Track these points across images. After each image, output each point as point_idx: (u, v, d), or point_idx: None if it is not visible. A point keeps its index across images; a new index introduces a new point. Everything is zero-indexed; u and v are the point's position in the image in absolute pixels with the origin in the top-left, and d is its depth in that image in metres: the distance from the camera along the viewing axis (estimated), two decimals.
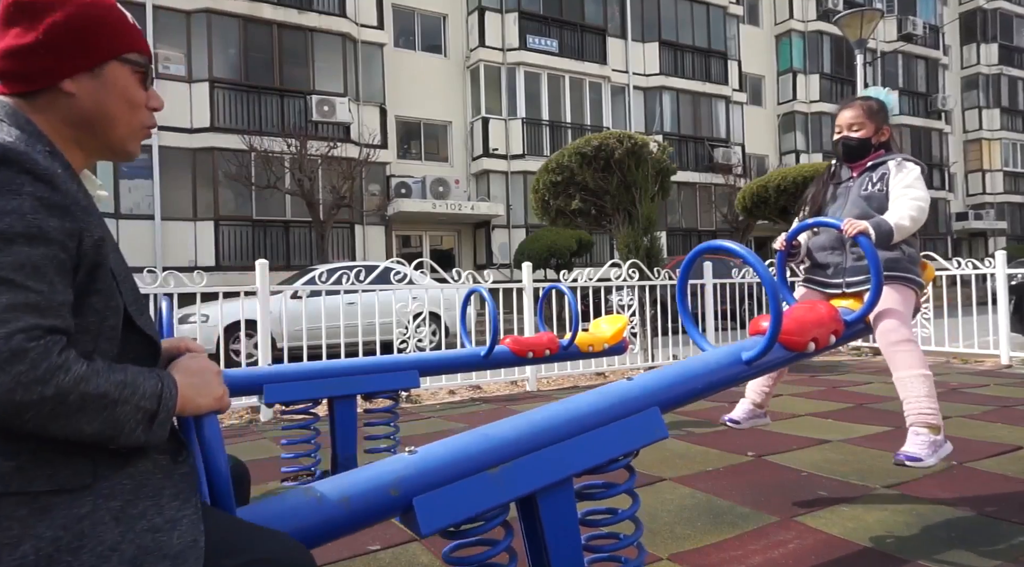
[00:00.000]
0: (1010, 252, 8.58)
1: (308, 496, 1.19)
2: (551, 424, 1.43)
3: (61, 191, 0.93)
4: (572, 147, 7.92)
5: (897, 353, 2.24)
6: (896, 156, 2.47)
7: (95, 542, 0.87)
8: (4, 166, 0.89)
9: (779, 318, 1.77)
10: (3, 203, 0.87)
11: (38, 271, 0.87)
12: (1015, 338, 6.83)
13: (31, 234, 0.88)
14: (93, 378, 0.88)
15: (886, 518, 2.45)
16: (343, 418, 2.63)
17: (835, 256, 2.50)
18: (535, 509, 1.39)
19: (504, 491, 1.32)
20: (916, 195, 2.33)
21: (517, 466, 1.35)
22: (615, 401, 1.53)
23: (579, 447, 1.43)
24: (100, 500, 0.90)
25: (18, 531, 0.84)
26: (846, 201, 2.49)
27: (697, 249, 2.04)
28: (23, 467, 0.87)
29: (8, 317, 0.84)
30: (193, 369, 1.06)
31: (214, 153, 15.42)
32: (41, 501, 0.87)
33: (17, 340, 0.83)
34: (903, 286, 2.36)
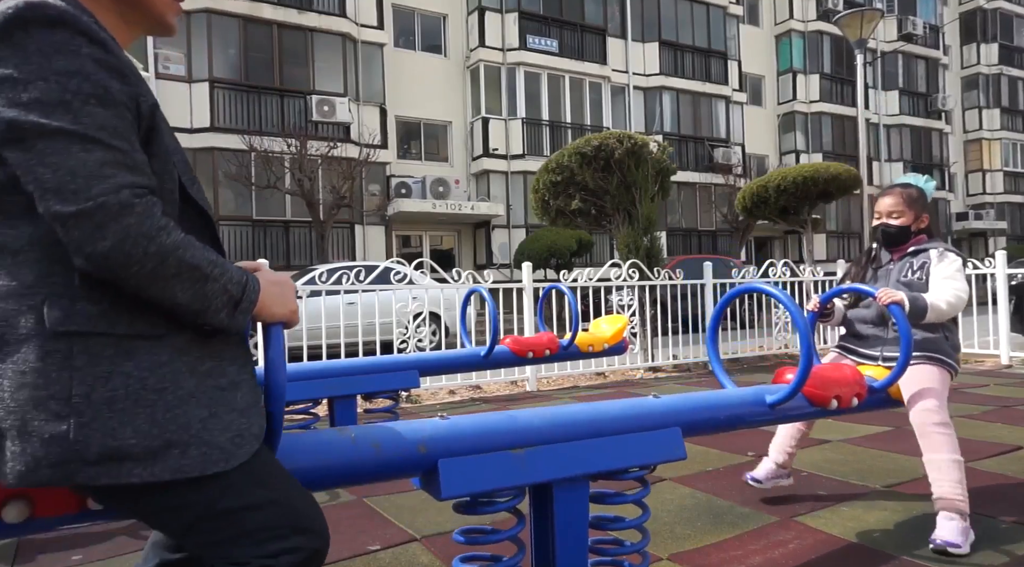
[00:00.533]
0: (1010, 252, 8.58)
1: (342, 435, 1.25)
2: (577, 420, 1.48)
3: (115, 54, 0.95)
4: (572, 147, 7.92)
5: (933, 435, 2.25)
6: (939, 245, 2.50)
7: (176, 385, 0.97)
8: (61, 27, 0.90)
9: (808, 367, 1.81)
10: (67, 63, 0.89)
11: (117, 131, 0.92)
12: (1015, 338, 6.83)
13: (100, 94, 0.91)
14: (190, 248, 0.95)
15: (886, 518, 2.45)
16: (343, 418, 2.63)
17: (876, 330, 2.52)
18: (549, 499, 1.42)
19: (525, 473, 1.36)
20: (956, 286, 2.36)
21: (540, 452, 1.39)
22: (640, 413, 1.58)
23: (601, 448, 1.47)
24: (176, 353, 0.98)
25: (107, 367, 0.93)
26: (886, 284, 2.51)
27: (735, 291, 2.12)
28: (106, 312, 0.94)
29: (109, 172, 0.88)
30: (275, 279, 1.12)
31: (214, 153, 15.42)
32: (125, 344, 0.95)
33: (124, 194, 0.88)
34: (941, 368, 2.37)
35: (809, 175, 10.33)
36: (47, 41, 0.89)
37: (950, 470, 2.21)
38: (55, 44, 0.89)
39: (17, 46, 0.89)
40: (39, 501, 1.02)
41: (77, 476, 0.90)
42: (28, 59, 0.88)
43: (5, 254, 0.93)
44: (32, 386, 0.90)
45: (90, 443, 0.90)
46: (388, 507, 2.73)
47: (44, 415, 0.89)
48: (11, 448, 0.90)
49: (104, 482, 0.91)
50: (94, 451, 0.90)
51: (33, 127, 0.87)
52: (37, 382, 0.90)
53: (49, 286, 0.93)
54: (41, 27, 0.89)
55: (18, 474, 0.89)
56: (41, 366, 0.90)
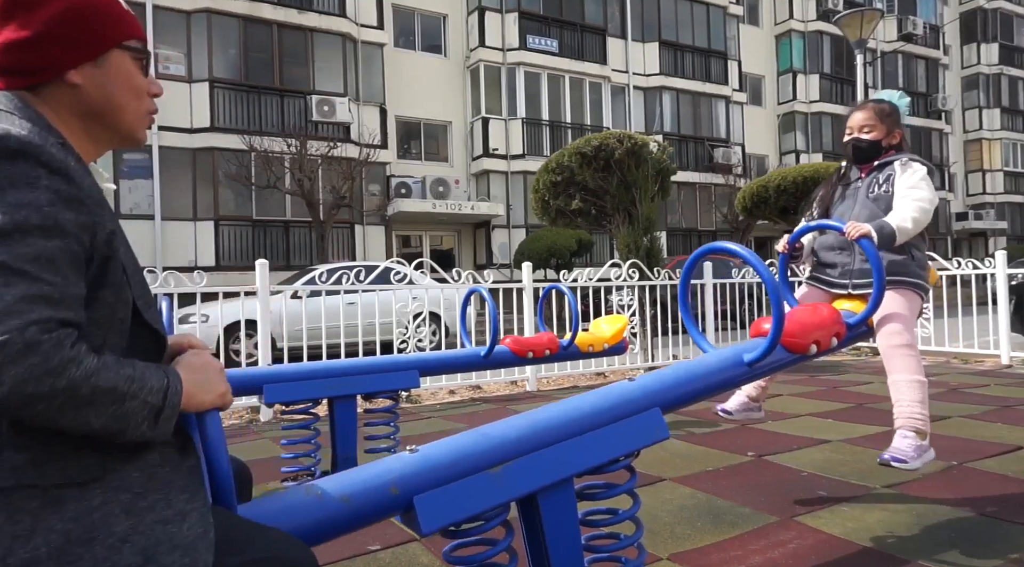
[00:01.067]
0: (1010, 252, 8.57)
1: (309, 494, 1.19)
2: (552, 424, 1.43)
3: (76, 184, 0.93)
4: (572, 147, 7.92)
5: (896, 356, 2.24)
6: (903, 156, 2.45)
7: (106, 534, 0.88)
8: (22, 159, 0.89)
9: (781, 320, 1.76)
10: (21, 195, 0.87)
11: (53, 263, 0.87)
12: (1015, 338, 6.83)
13: (47, 226, 0.88)
14: (103, 372, 0.88)
15: (886, 518, 2.45)
16: (343, 418, 2.63)
17: (843, 256, 2.49)
18: (536, 509, 1.39)
19: (505, 491, 1.32)
20: (919, 196, 2.31)
21: (518, 466, 1.35)
22: (616, 401, 1.53)
23: (580, 447, 1.43)
24: (110, 493, 0.91)
25: (30, 523, 0.85)
26: (855, 202, 2.49)
27: (699, 251, 2.05)
28: (35, 460, 0.88)
29: (23, 308, 0.83)
30: (196, 366, 1.06)
31: (214, 153, 15.42)
32: (52, 494, 0.87)
33: (31, 332, 0.83)
34: (909, 290, 2.35)
35: (809, 175, 10.30)
36: (4, 173, 0.88)
37: (911, 390, 2.21)
38: (12, 177, 0.88)
39: None
40: None
41: None
42: None
43: None
44: None
45: None
46: None
47: None
48: None
49: None
50: None
51: None
52: None
53: None
54: (1, 160, 0.88)
55: None
56: None
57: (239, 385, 2.49)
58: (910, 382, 2.22)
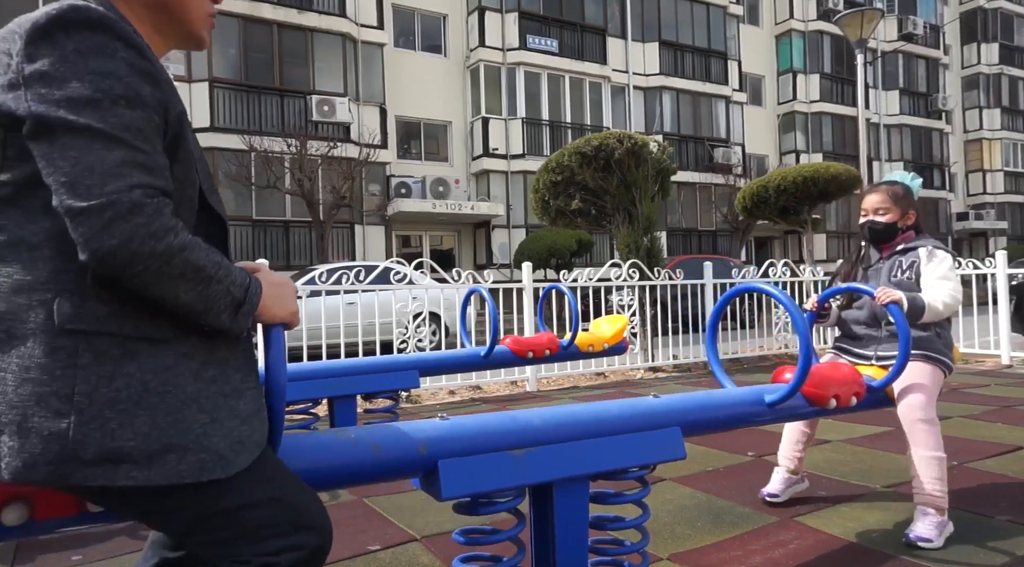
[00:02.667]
0: (1010, 252, 8.57)
1: (342, 436, 1.25)
2: (577, 421, 1.48)
3: (149, 60, 0.99)
4: (572, 147, 7.92)
5: (919, 431, 2.27)
6: (927, 243, 2.49)
7: (179, 390, 0.97)
8: (100, 30, 0.94)
9: (807, 366, 1.81)
10: (101, 64, 0.92)
11: (142, 133, 0.94)
12: (1015, 338, 6.82)
13: (130, 97, 0.94)
14: (196, 249, 0.96)
15: (886, 518, 2.45)
16: (343, 418, 2.63)
17: (869, 331, 2.53)
18: (549, 499, 1.42)
19: (525, 473, 1.36)
20: (953, 287, 2.36)
21: (540, 453, 1.39)
22: (640, 413, 1.58)
23: (600, 448, 1.47)
24: (180, 358, 0.99)
25: (111, 367, 0.94)
26: (877, 284, 2.50)
27: (734, 291, 2.15)
28: (115, 312, 0.96)
29: (125, 172, 0.90)
30: (276, 281, 1.13)
31: (214, 153, 15.41)
32: (130, 346, 0.96)
33: (136, 194, 0.90)
34: (933, 366, 2.38)
35: (809, 175, 10.32)
36: (86, 43, 0.93)
37: (930, 466, 2.24)
38: (93, 46, 0.93)
39: (56, 45, 0.92)
40: (38, 503, 1.01)
41: (73, 476, 0.90)
42: (65, 58, 0.91)
43: (22, 248, 0.94)
44: (35, 382, 0.90)
45: (88, 443, 0.90)
46: (388, 507, 2.73)
47: (45, 412, 0.89)
48: (9, 444, 0.89)
49: (99, 483, 0.91)
50: (92, 451, 0.90)
51: (60, 123, 0.90)
52: (41, 378, 0.90)
53: (61, 283, 0.94)
54: (81, 29, 0.93)
55: (14, 470, 0.89)
56: (46, 362, 0.91)
57: None
58: (930, 459, 2.25)
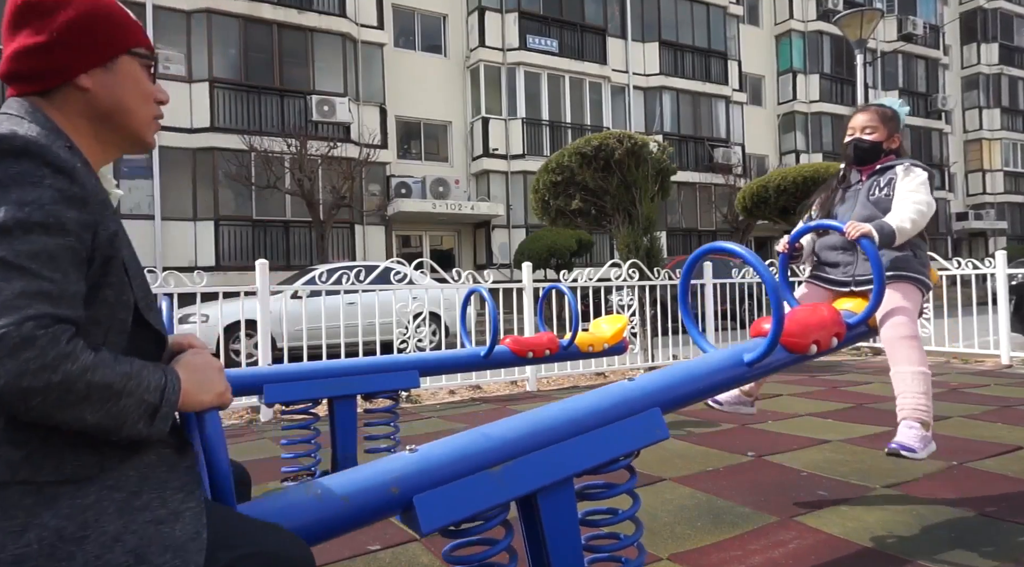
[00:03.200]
0: (1010, 252, 8.57)
1: (308, 493, 1.19)
2: (552, 424, 1.43)
3: (80, 183, 0.95)
4: (572, 147, 7.92)
5: (900, 348, 2.26)
6: (905, 161, 2.50)
7: (98, 532, 0.88)
8: (27, 158, 0.91)
9: (782, 320, 1.76)
10: (24, 193, 0.89)
11: (53, 260, 0.89)
12: (1015, 338, 6.83)
13: (49, 224, 0.89)
14: (100, 368, 0.89)
15: (886, 518, 2.45)
16: (343, 418, 2.63)
17: (845, 256, 2.51)
18: (535, 509, 1.39)
19: (505, 490, 1.32)
20: (918, 199, 2.36)
21: (518, 465, 1.35)
22: (616, 401, 1.53)
23: (580, 447, 1.43)
24: (104, 491, 0.91)
25: (23, 519, 0.85)
26: (855, 204, 2.52)
27: (699, 251, 2.05)
28: (31, 456, 0.89)
29: (21, 303, 0.85)
30: (196, 365, 1.07)
31: (214, 153, 15.42)
32: (47, 491, 0.88)
33: (28, 327, 0.84)
34: (911, 285, 2.38)
35: (809, 175, 10.30)
36: (9, 171, 0.90)
37: (915, 381, 2.23)
38: (16, 175, 0.90)
39: None
40: None
41: None
42: None
43: None
44: None
45: None
46: None
47: None
48: None
49: None
50: None
51: None
52: None
53: None
54: (6, 157, 0.91)
55: None
56: None
57: (239, 385, 2.49)
58: (914, 373, 2.24)
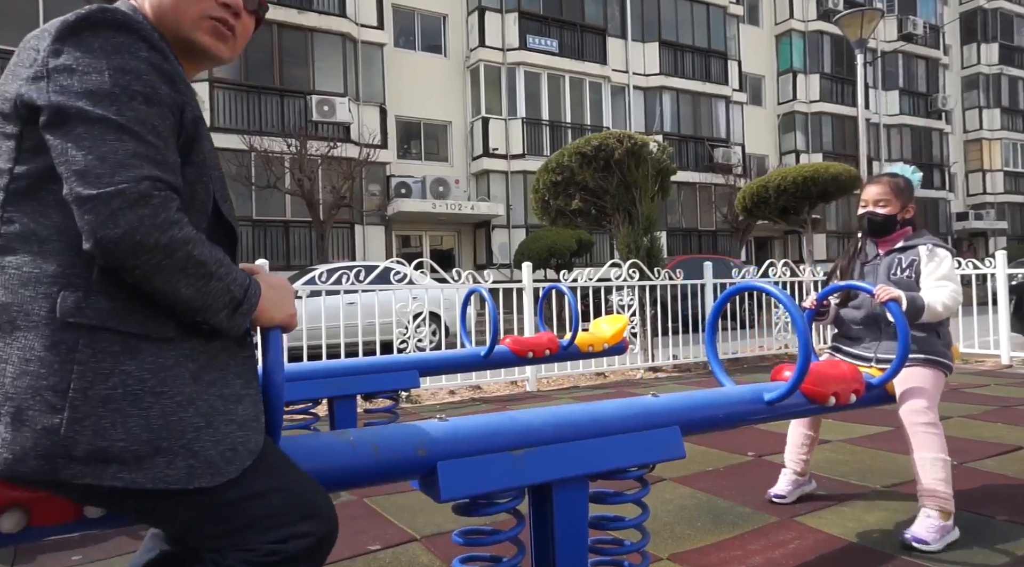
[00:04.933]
0: (1010, 252, 8.57)
1: (341, 438, 1.26)
2: (576, 421, 1.47)
3: (171, 62, 1.02)
4: (572, 147, 7.92)
5: (921, 434, 2.25)
6: (926, 241, 2.47)
7: (175, 391, 0.97)
8: (126, 31, 0.98)
9: (806, 365, 1.81)
10: (123, 61, 0.96)
11: (156, 129, 0.96)
12: (1015, 338, 6.82)
13: (147, 94, 0.97)
14: (200, 245, 0.97)
15: (886, 518, 2.45)
16: (343, 418, 2.63)
17: (866, 332, 2.50)
18: (549, 500, 1.42)
19: (524, 474, 1.36)
20: (953, 289, 2.35)
21: (539, 453, 1.39)
22: (639, 412, 1.58)
23: (600, 448, 1.47)
24: (182, 358, 0.99)
25: (110, 364, 0.93)
26: (875, 281, 2.48)
27: (733, 290, 2.13)
28: (119, 309, 0.96)
29: (136, 163, 0.92)
30: (274, 283, 1.14)
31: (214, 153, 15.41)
32: (131, 343, 0.96)
33: (145, 185, 0.91)
34: (935, 369, 2.37)
35: (809, 175, 10.32)
36: (111, 41, 0.97)
37: (935, 468, 2.22)
38: (118, 44, 0.97)
39: (82, 42, 0.95)
40: (35, 509, 1.00)
41: (61, 472, 0.90)
42: (89, 53, 0.95)
43: (32, 241, 0.95)
44: (33, 375, 0.91)
45: (79, 440, 0.90)
46: (388, 507, 2.73)
47: (40, 406, 0.89)
48: (3, 435, 0.90)
49: (87, 482, 0.91)
50: (82, 449, 0.90)
51: (77, 113, 0.92)
52: (39, 371, 0.91)
53: (68, 277, 0.94)
54: (108, 28, 0.97)
55: (4, 462, 0.89)
56: (45, 355, 0.91)
57: None
58: (934, 460, 2.23)
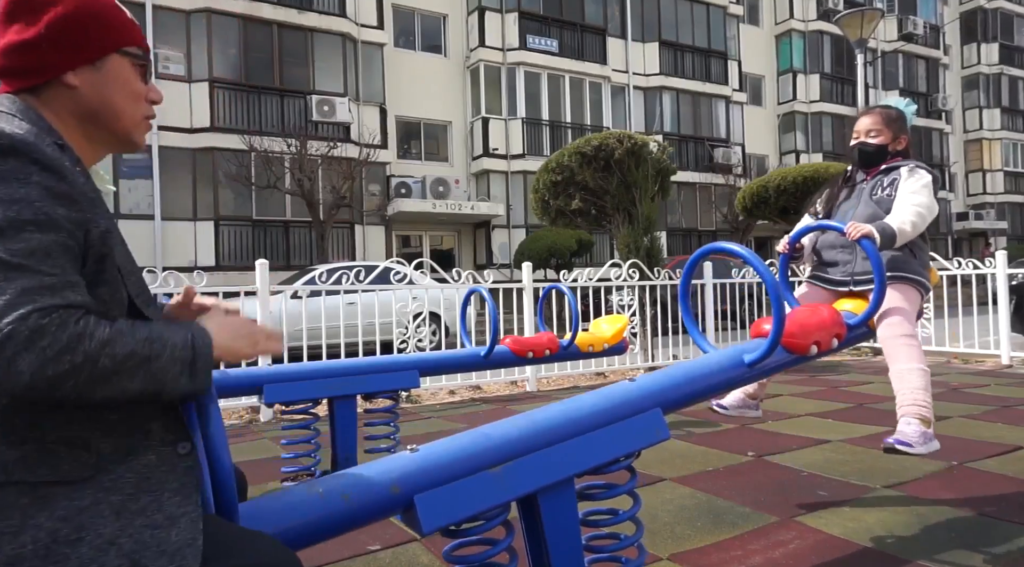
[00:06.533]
0: (1010, 252, 8.57)
1: (310, 492, 1.19)
2: (552, 424, 1.43)
3: (68, 181, 0.94)
4: (572, 147, 7.92)
5: (898, 346, 2.25)
6: (910, 162, 2.48)
7: (94, 535, 0.88)
8: (13, 156, 0.91)
9: (782, 320, 1.76)
10: (12, 191, 0.89)
11: (49, 256, 0.89)
12: (1015, 338, 6.82)
13: (40, 221, 0.89)
14: (118, 339, 0.89)
15: (886, 518, 2.45)
16: (343, 418, 2.63)
17: (844, 254, 2.50)
18: (536, 509, 1.39)
19: (505, 490, 1.32)
20: (919, 201, 2.34)
21: (518, 466, 1.35)
22: (617, 402, 1.53)
23: (580, 447, 1.43)
24: (101, 493, 0.90)
25: (19, 520, 0.85)
26: (858, 202, 2.50)
27: (700, 251, 2.05)
28: (27, 457, 0.88)
29: (24, 300, 0.85)
30: (222, 318, 1.08)
31: (214, 153, 15.42)
32: (42, 491, 0.87)
33: (33, 319, 0.84)
34: (910, 286, 2.37)
35: (809, 175, 10.31)
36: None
37: (913, 377, 2.22)
38: (3, 173, 0.89)
39: None
40: None
41: None
42: None
43: None
44: None
45: None
46: None
47: None
48: None
49: None
50: None
51: None
52: None
53: None
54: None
55: None
56: None
57: (239, 385, 2.49)
58: (912, 370, 2.23)
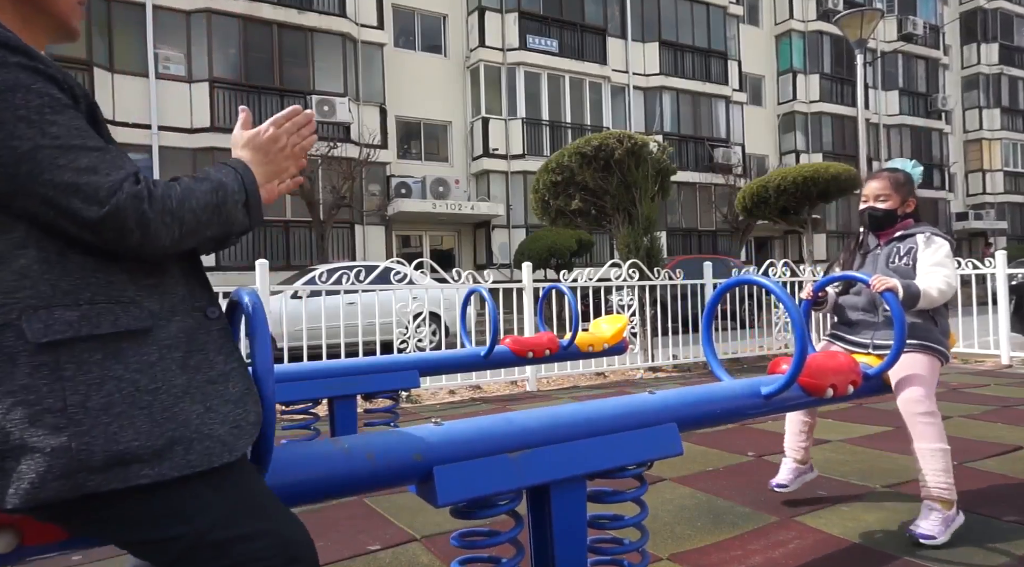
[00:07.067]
0: (1010, 252, 8.57)
1: (336, 446, 1.24)
2: (573, 421, 1.47)
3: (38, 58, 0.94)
4: (572, 147, 7.92)
5: (919, 424, 2.26)
6: (925, 230, 2.49)
7: (168, 385, 0.97)
8: None
9: (803, 358, 1.80)
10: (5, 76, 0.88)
11: (81, 131, 0.94)
12: (1015, 338, 6.83)
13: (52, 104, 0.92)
14: (191, 193, 1.00)
15: (886, 518, 2.45)
16: (343, 418, 2.63)
17: (866, 317, 2.51)
18: (547, 501, 1.42)
19: (521, 476, 1.36)
20: (947, 273, 2.36)
21: (536, 455, 1.38)
22: (636, 410, 1.58)
23: (597, 448, 1.47)
24: (164, 350, 0.99)
25: (98, 373, 0.92)
26: (874, 270, 2.50)
27: (725, 284, 2.12)
28: (86, 314, 0.94)
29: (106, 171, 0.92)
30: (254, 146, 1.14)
31: (214, 153, 15.41)
32: (111, 346, 0.94)
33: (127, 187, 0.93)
34: (931, 356, 2.37)
35: (809, 175, 10.33)
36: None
37: (934, 459, 2.23)
38: None
39: None
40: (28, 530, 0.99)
41: (87, 484, 0.89)
42: None
43: None
44: (25, 403, 0.88)
45: (93, 450, 0.89)
46: (388, 507, 2.73)
47: (42, 430, 0.88)
48: (14, 468, 0.88)
49: (114, 487, 0.90)
50: (98, 458, 0.89)
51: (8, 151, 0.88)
52: (29, 398, 0.89)
53: (20, 299, 0.91)
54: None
55: (24, 493, 0.87)
56: (31, 382, 0.89)
57: None
58: (935, 451, 2.24)
